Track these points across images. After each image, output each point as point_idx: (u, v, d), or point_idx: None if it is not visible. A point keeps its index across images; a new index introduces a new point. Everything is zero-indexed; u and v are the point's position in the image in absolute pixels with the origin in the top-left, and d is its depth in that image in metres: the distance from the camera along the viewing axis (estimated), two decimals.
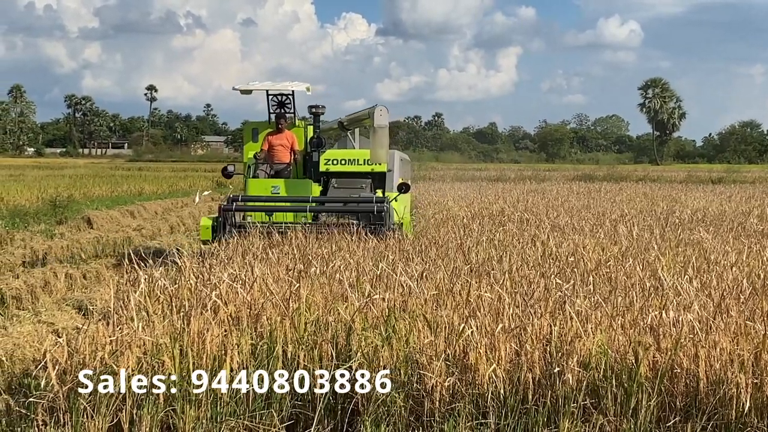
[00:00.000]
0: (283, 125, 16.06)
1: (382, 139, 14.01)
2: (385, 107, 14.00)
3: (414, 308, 7.24)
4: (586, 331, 6.58)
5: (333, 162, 15.61)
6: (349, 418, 6.35)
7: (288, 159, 16.00)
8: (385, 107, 14.00)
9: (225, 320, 6.96)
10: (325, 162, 15.59)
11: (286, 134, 16.06)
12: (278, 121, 16.09)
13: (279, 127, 16.04)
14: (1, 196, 29.92)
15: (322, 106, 16.17)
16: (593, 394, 6.22)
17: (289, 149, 16.03)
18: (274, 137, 16.02)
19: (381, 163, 14.97)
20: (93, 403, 6.07)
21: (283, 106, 16.52)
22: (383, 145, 14.08)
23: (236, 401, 6.27)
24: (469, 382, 6.22)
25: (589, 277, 8.83)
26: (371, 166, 15.25)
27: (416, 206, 24.06)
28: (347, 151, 16.42)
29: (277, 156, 15.97)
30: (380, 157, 14.30)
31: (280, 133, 16.03)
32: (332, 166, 15.61)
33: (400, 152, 17.37)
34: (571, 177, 55.59)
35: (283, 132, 16.06)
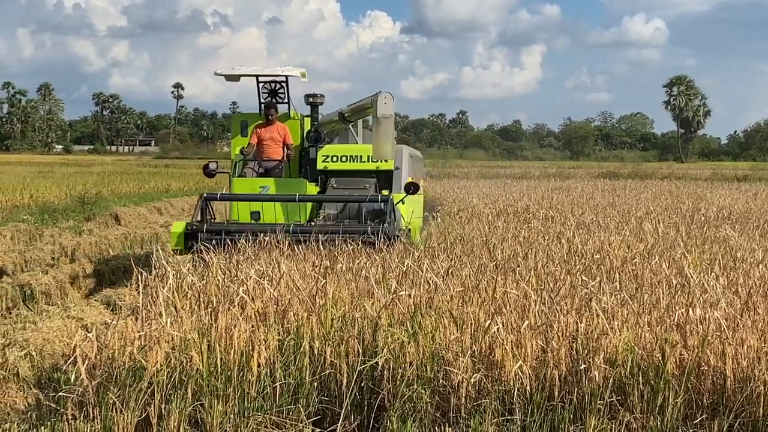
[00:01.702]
0: (273, 116, 14.07)
1: (386, 131, 12.12)
2: (390, 93, 12.08)
3: (440, 305, 7.23)
4: (613, 328, 6.54)
5: (332, 159, 13.81)
6: (376, 414, 6.35)
7: (279, 155, 14.06)
8: (390, 94, 12.08)
9: (252, 316, 6.98)
10: (323, 159, 13.81)
11: (277, 126, 14.08)
12: (267, 112, 14.10)
13: (269, 119, 14.05)
14: (30, 193, 30.14)
15: (321, 95, 14.29)
16: (620, 391, 6.19)
17: (281, 144, 14.07)
18: (263, 130, 14.05)
19: (386, 160, 13.05)
20: (122, 397, 6.10)
21: (275, 95, 14.61)
22: (388, 138, 12.17)
23: (263, 396, 6.28)
24: (495, 379, 6.21)
25: (615, 274, 8.79)
26: (376, 163, 13.37)
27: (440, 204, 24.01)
28: (348, 147, 14.58)
29: (267, 152, 14.04)
30: (385, 152, 12.32)
31: (270, 126, 14.04)
32: (331, 164, 13.82)
33: (410, 148, 15.59)
34: (595, 174, 55.40)
35: (274, 124, 14.07)
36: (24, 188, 31.68)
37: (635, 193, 30.06)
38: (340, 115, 14.67)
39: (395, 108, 12.22)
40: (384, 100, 11.94)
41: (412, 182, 12.87)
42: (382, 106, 11.94)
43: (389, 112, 12.05)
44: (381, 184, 13.59)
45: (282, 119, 14.33)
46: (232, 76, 14.55)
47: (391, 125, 12.10)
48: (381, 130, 12.11)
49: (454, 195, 27.45)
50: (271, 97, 14.53)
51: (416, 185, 12.80)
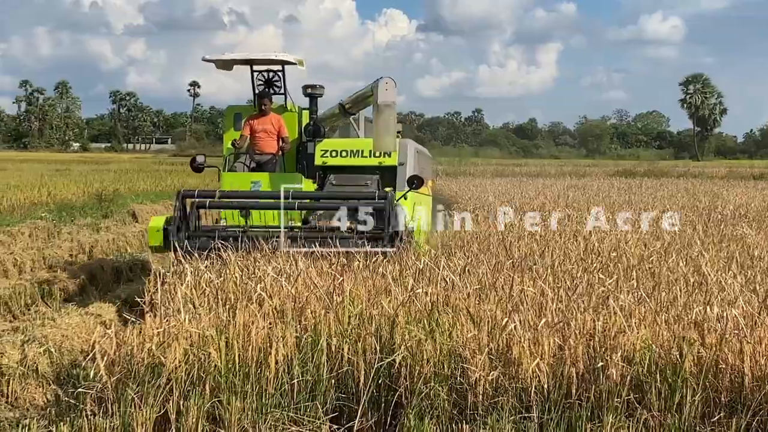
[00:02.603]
0: (267, 106, 13.07)
1: (388, 121, 11.06)
2: (391, 79, 11.03)
3: (457, 302, 7.24)
4: (630, 326, 6.53)
5: (331, 154, 12.85)
6: (393, 411, 6.36)
7: (273, 148, 13.07)
8: (392, 79, 11.03)
9: (270, 313, 7.00)
10: (321, 153, 12.84)
11: (271, 118, 13.09)
12: (261, 102, 13.09)
13: (262, 109, 13.06)
14: (48, 191, 30.25)
15: (320, 86, 13.24)
16: (637, 389, 6.17)
17: (275, 136, 13.10)
18: (256, 121, 13.06)
19: (388, 153, 12.20)
20: (141, 393, 6.13)
21: (271, 85, 13.58)
22: (390, 128, 11.10)
23: (281, 393, 6.29)
24: (512, 376, 6.20)
25: (632, 272, 8.77)
26: (379, 158, 12.53)
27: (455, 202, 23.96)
28: (349, 141, 13.53)
29: (260, 145, 13.05)
30: (386, 144, 11.29)
31: (263, 117, 13.05)
32: (330, 159, 12.85)
33: (417, 144, 14.56)
34: (611, 173, 55.22)
35: (268, 115, 13.07)
36: (42, 186, 31.80)
37: (651, 191, 29.94)
38: (340, 107, 13.61)
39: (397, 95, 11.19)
40: (385, 86, 10.99)
41: (415, 176, 11.55)
42: (382, 93, 10.99)
43: (391, 99, 11.05)
44: (384, 182, 12.65)
45: (278, 111, 13.49)
46: (222, 62, 13.35)
47: (392, 114, 11.11)
48: (382, 119, 11.09)
49: (470, 193, 27.41)
50: (267, 86, 13.59)
51: (420, 178, 11.52)
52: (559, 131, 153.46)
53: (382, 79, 11.04)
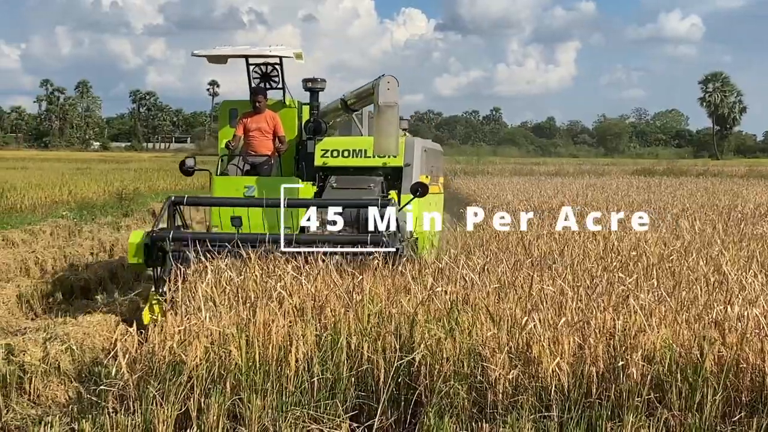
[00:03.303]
0: (261, 103, 12.06)
1: (390, 122, 10.25)
2: (394, 77, 10.23)
3: (476, 301, 7.23)
4: (650, 325, 6.51)
5: (332, 154, 11.94)
6: (413, 410, 6.36)
7: (268, 149, 12.06)
8: (395, 77, 10.22)
9: (290, 311, 7.01)
10: (321, 153, 11.93)
11: (265, 115, 12.07)
12: (255, 99, 12.08)
13: (256, 106, 12.03)
14: (69, 189, 30.43)
15: (322, 79, 12.22)
16: (657, 389, 6.15)
17: (271, 136, 12.09)
18: (249, 120, 12.06)
19: (389, 155, 11.11)
20: (162, 391, 6.16)
21: (268, 79, 12.61)
22: (392, 130, 10.28)
23: (301, 391, 6.30)
24: (532, 375, 6.19)
25: (652, 271, 8.73)
26: (383, 158, 11.45)
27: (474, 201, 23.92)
28: (351, 139, 12.60)
29: (254, 145, 12.04)
30: (387, 146, 10.44)
31: (257, 115, 12.04)
32: (331, 160, 11.93)
33: (426, 141, 13.63)
34: (630, 171, 55.02)
35: (262, 113, 12.05)
36: (63, 185, 31.97)
37: (671, 190, 29.83)
38: (342, 102, 12.67)
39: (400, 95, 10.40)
40: (387, 84, 10.18)
41: (420, 183, 10.70)
42: (384, 92, 10.18)
43: (393, 100, 10.24)
44: (389, 183, 11.80)
45: (277, 107, 12.53)
46: (214, 57, 12.53)
47: (395, 115, 10.33)
48: (383, 121, 10.28)
49: (488, 192, 27.38)
50: (264, 81, 12.59)
51: (425, 186, 10.63)
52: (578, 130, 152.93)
53: (383, 77, 10.30)
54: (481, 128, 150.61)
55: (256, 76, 12.57)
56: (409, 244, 9.74)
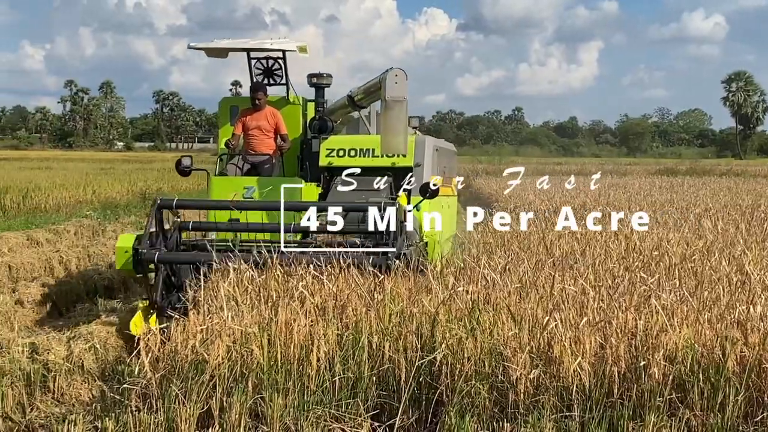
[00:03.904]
0: (261, 100, 11.41)
1: (398, 119, 9.46)
2: (402, 70, 9.43)
3: (498, 301, 7.21)
4: (672, 325, 6.47)
5: (338, 153, 11.27)
6: (434, 409, 6.35)
7: (269, 148, 11.45)
8: (403, 70, 9.44)
9: (311, 311, 7.01)
10: (327, 153, 11.27)
11: (266, 113, 11.44)
12: (255, 95, 11.42)
13: (256, 103, 11.40)
14: (93, 189, 30.60)
15: (328, 75, 11.75)
16: (679, 389, 6.12)
17: (272, 134, 11.46)
18: (249, 117, 11.44)
19: (398, 155, 10.64)
20: (184, 390, 6.18)
21: (270, 75, 12.01)
22: (399, 128, 9.49)
23: (323, 390, 6.31)
24: (553, 375, 6.17)
25: (674, 271, 8.69)
26: (392, 158, 10.96)
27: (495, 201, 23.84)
28: (358, 138, 11.81)
29: (253, 144, 11.44)
30: (395, 144, 9.60)
31: (258, 112, 11.41)
32: (336, 159, 11.25)
33: (437, 140, 12.83)
34: (652, 171, 54.84)
35: (263, 110, 11.42)
36: (87, 185, 32.15)
37: (693, 189, 29.69)
38: (349, 99, 11.64)
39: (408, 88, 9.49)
40: (395, 78, 9.36)
41: (427, 183, 10.00)
42: (391, 87, 9.35)
43: (401, 94, 9.40)
44: (398, 184, 10.92)
45: (280, 104, 11.91)
46: (214, 50, 11.84)
47: (403, 110, 9.46)
48: (391, 117, 9.47)
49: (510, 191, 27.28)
50: (266, 76, 11.98)
51: (435, 187, 9.90)
52: (600, 129, 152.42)
53: (391, 70, 9.49)
54: (503, 128, 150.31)
55: (259, 71, 12.00)
56: (418, 248, 9.16)
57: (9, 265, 13.47)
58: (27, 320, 10.62)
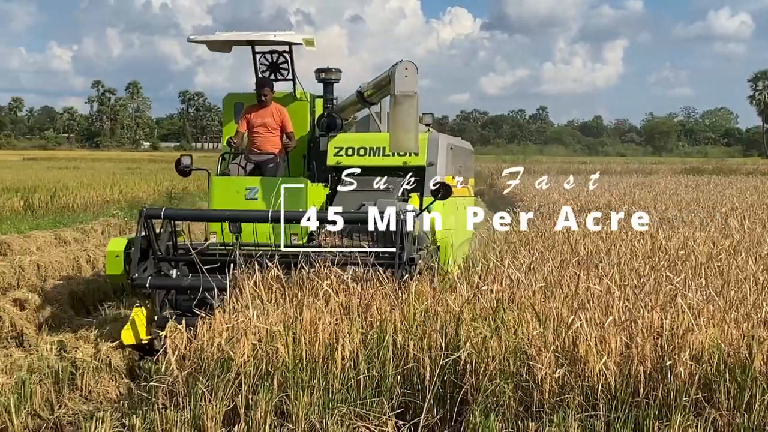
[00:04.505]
0: (267, 96, 10.77)
1: (408, 114, 8.88)
2: (412, 63, 8.90)
3: (522, 300, 7.19)
4: (698, 324, 6.44)
5: (347, 152, 10.64)
6: (458, 408, 6.33)
7: (275, 146, 10.78)
8: (413, 63, 8.91)
9: (336, 309, 7.02)
10: (335, 151, 10.63)
11: (272, 109, 10.78)
12: (260, 91, 10.77)
13: (262, 99, 10.75)
14: (119, 189, 30.79)
15: (337, 69, 11.05)
16: (705, 388, 6.08)
17: (278, 131, 10.80)
18: (253, 114, 10.79)
19: (408, 152, 9.95)
20: (210, 387, 6.21)
21: (276, 70, 11.33)
22: (409, 124, 8.90)
23: (347, 389, 6.32)
24: (578, 374, 6.15)
25: (700, 270, 8.64)
26: (404, 157, 10.35)
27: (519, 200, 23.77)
28: (367, 136, 11.11)
29: (258, 142, 10.78)
30: (405, 142, 9.00)
31: (263, 109, 10.76)
32: (345, 158, 10.60)
33: (452, 138, 12.23)
34: (678, 170, 54.52)
35: (268, 106, 10.77)
36: (114, 184, 32.34)
37: (720, 188, 29.50)
38: (359, 95, 11.09)
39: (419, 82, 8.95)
40: (404, 71, 8.82)
41: (442, 184, 9.17)
42: (401, 81, 8.81)
43: (411, 89, 8.84)
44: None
45: (286, 101, 11.26)
46: (213, 43, 11.13)
47: (413, 106, 8.87)
48: (400, 113, 8.88)
49: (534, 191, 27.22)
50: (272, 72, 11.29)
51: (447, 187, 9.12)
52: (625, 128, 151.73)
53: (401, 63, 8.95)
54: (527, 127, 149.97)
55: (264, 66, 11.35)
56: (430, 253, 8.82)
57: (37, 264, 13.55)
58: (55, 318, 10.69)
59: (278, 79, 11.43)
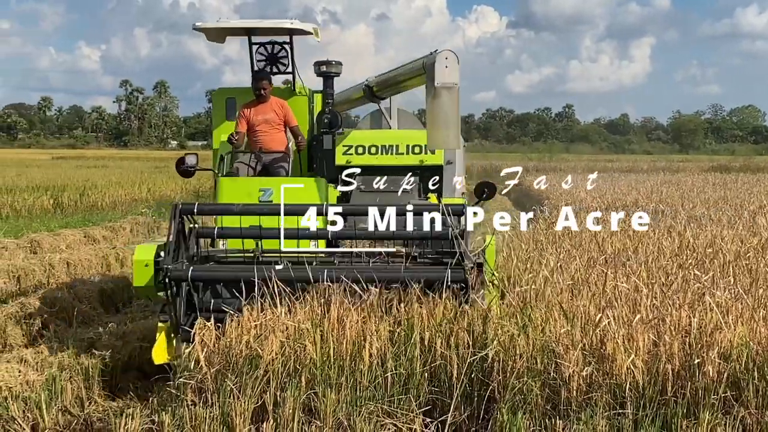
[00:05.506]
0: (267, 90, 9.84)
1: (449, 108, 8.10)
2: (453, 52, 8.17)
3: (550, 298, 7.18)
4: (727, 323, 6.40)
5: (357, 150, 9.80)
6: (486, 406, 6.33)
7: (282, 144, 9.91)
8: (454, 53, 8.18)
9: (363, 307, 7.02)
10: (344, 150, 9.80)
11: (272, 104, 9.87)
12: (258, 85, 9.82)
13: (261, 94, 9.80)
14: (147, 187, 30.99)
15: (337, 62, 9.91)
16: (734, 387, 6.04)
17: (282, 127, 9.91)
18: (253, 110, 9.82)
19: (432, 150, 9.27)
20: (239, 384, 6.24)
21: (275, 62, 10.41)
22: (451, 119, 8.13)
23: (375, 386, 6.32)
24: (606, 372, 6.12)
25: (729, 268, 8.59)
26: (419, 156, 9.66)
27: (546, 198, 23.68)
28: (380, 134, 10.37)
29: (263, 140, 9.81)
30: (446, 139, 8.23)
31: (262, 104, 9.83)
32: (356, 157, 9.78)
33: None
34: (706, 168, 54.14)
35: (268, 101, 9.85)
36: (142, 183, 32.57)
37: (747, 186, 29.27)
38: (367, 89, 10.62)
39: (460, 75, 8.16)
40: (444, 61, 8.08)
41: (487, 182, 8.33)
42: (441, 71, 8.07)
43: (452, 80, 8.09)
44: (424, 184, 9.81)
45: (284, 96, 10.37)
46: (216, 32, 10.20)
47: (454, 99, 8.12)
48: (441, 106, 8.10)
49: (561, 189, 27.15)
50: (270, 64, 10.40)
51: (492, 185, 8.29)
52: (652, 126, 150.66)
53: (440, 52, 8.21)
54: (553, 125, 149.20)
55: (261, 58, 10.45)
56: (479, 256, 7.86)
57: (67, 262, 13.68)
58: (85, 316, 10.77)
59: (277, 72, 10.59)
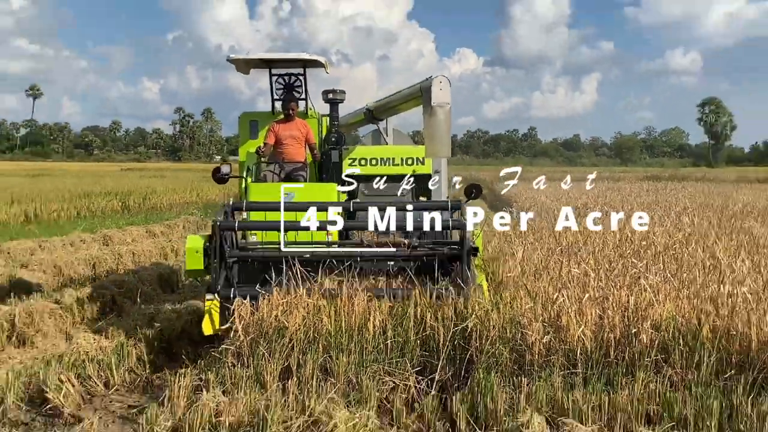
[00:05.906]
0: (294, 111, 9.88)
1: (444, 124, 8.24)
2: (445, 77, 8.25)
3: (517, 281, 7.17)
4: (658, 300, 6.41)
5: (360, 162, 9.92)
6: (466, 366, 6.32)
7: (302, 156, 9.86)
8: (446, 77, 8.27)
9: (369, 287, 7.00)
10: (350, 162, 9.89)
11: (297, 123, 9.89)
12: (288, 107, 9.86)
13: (289, 114, 9.84)
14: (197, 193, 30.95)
15: (341, 90, 10.06)
16: (663, 351, 6.04)
17: (303, 143, 9.89)
18: (281, 126, 9.81)
19: (441, 157, 9.10)
20: (269, 350, 6.24)
21: (291, 90, 10.32)
22: (444, 133, 8.28)
23: (378, 351, 6.32)
24: (561, 340, 6.12)
25: (659, 257, 8.59)
26: (412, 167, 9.75)
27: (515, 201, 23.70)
28: (379, 148, 10.43)
29: (288, 152, 9.80)
30: (440, 149, 8.32)
31: (289, 122, 9.84)
32: (361, 168, 9.91)
33: None
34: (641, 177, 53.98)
35: (294, 120, 9.88)
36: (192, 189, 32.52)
37: (674, 192, 29.22)
38: (367, 112, 10.66)
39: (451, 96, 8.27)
40: (439, 85, 8.20)
41: (474, 184, 8.34)
42: (437, 93, 8.21)
43: (445, 100, 8.22)
44: (416, 191, 9.79)
45: (300, 117, 10.24)
46: (244, 63, 10.00)
47: (447, 116, 8.23)
48: (436, 122, 8.22)
49: (526, 195, 27.14)
50: (288, 91, 10.33)
51: (479, 187, 8.35)
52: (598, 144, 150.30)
53: (435, 77, 8.26)
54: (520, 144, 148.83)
55: (280, 86, 10.39)
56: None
57: (132, 252, 13.67)
58: (146, 295, 10.77)
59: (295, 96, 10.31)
